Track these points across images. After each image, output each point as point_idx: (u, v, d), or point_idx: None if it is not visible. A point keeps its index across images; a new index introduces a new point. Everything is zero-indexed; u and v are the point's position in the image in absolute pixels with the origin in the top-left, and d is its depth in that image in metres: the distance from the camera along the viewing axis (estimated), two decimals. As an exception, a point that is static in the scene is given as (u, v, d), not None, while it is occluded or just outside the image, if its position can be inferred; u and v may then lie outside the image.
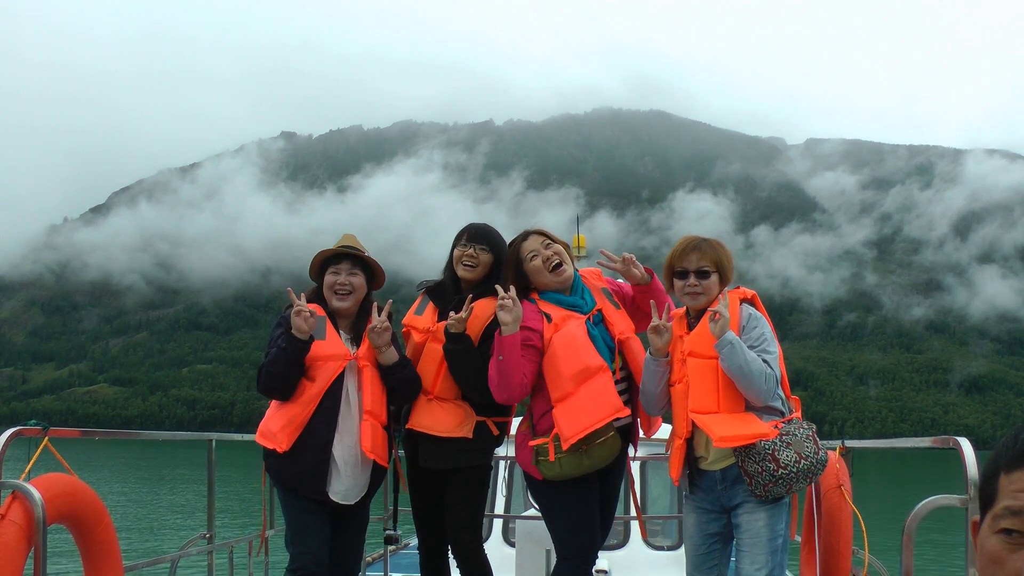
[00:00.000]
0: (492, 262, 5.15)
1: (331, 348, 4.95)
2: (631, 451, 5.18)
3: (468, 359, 4.94)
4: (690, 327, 4.78)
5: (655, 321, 4.72)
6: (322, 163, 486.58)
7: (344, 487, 4.93)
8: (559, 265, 4.91)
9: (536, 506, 5.28)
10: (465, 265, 5.13)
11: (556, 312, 4.87)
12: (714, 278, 4.74)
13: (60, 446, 4.45)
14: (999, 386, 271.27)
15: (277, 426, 4.86)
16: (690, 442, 4.69)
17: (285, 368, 4.84)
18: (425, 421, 5.03)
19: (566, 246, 5.06)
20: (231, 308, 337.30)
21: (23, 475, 4.13)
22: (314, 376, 4.90)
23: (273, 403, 5.01)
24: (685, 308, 4.88)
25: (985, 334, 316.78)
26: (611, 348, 4.89)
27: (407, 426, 5.09)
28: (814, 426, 4.55)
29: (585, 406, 4.65)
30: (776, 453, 4.37)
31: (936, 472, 61.02)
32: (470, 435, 4.98)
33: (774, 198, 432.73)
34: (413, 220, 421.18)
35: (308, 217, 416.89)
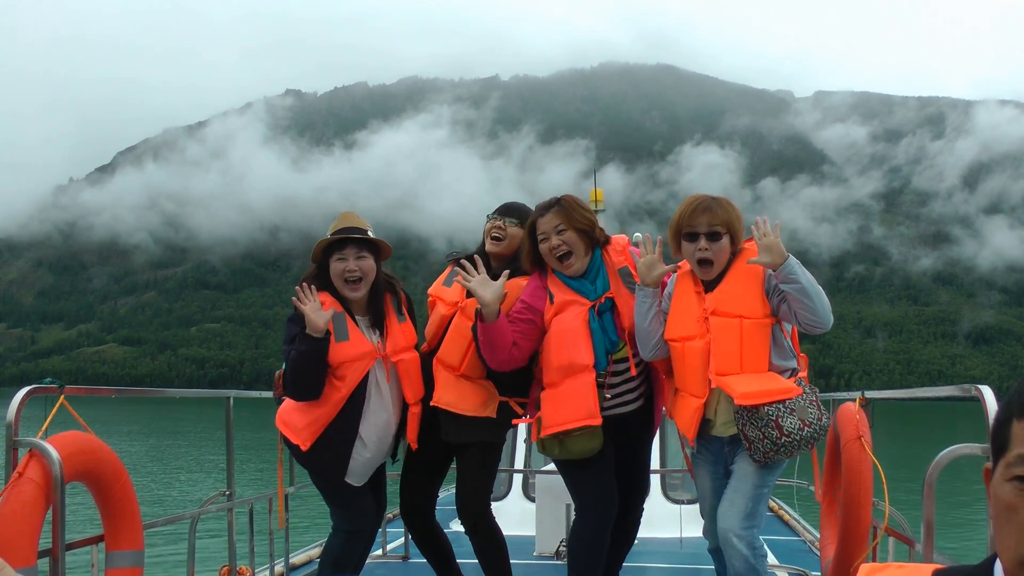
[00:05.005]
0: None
1: (357, 348, 4.72)
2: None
3: None
4: (707, 288, 4.50)
5: (647, 256, 4.49)
6: (328, 120, 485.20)
7: (364, 466, 4.84)
8: (567, 256, 4.63)
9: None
10: (493, 238, 5.03)
11: (560, 295, 4.67)
12: (725, 240, 4.42)
13: (76, 404, 4.40)
14: (1006, 337, 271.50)
15: (302, 423, 4.71)
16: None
17: (309, 370, 4.61)
18: (448, 398, 4.91)
19: (593, 222, 4.72)
20: (239, 266, 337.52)
21: (40, 433, 4.09)
22: (343, 376, 4.70)
23: None
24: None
25: (993, 285, 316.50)
26: (614, 341, 4.68)
27: (431, 403, 4.96)
28: (816, 390, 4.40)
29: (564, 402, 4.59)
30: (780, 420, 4.19)
31: (945, 423, 61.22)
32: (494, 414, 4.93)
33: (782, 151, 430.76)
34: (420, 176, 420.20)
35: (315, 174, 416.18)
